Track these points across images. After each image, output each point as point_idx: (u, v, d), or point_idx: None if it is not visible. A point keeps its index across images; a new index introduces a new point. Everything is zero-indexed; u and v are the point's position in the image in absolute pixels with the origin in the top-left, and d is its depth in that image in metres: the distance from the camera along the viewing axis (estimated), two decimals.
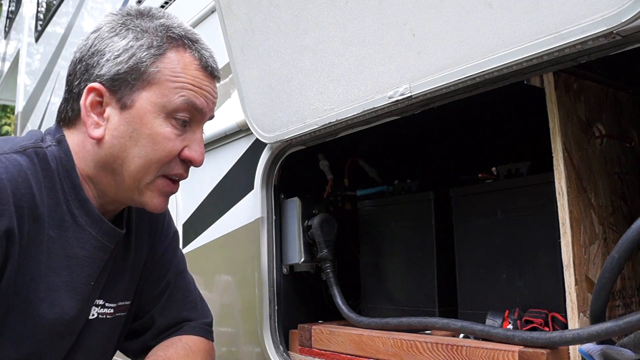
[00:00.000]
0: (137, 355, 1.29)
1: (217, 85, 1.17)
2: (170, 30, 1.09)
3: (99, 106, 1.07)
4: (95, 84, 1.06)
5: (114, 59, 1.05)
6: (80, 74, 1.08)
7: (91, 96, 1.06)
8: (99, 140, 1.07)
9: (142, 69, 1.05)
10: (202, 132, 1.13)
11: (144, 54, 1.05)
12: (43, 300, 1.03)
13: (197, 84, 1.08)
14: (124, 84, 1.05)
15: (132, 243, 1.23)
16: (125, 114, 1.06)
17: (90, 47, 1.08)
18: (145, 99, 1.05)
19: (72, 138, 1.10)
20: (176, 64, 1.07)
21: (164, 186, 1.10)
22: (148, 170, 1.07)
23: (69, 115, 1.11)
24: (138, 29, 1.07)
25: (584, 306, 1.07)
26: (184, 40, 1.09)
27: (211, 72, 1.12)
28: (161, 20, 1.10)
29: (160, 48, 1.06)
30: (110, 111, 1.07)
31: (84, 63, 1.08)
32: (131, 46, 1.05)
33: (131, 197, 1.10)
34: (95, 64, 1.07)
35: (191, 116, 1.09)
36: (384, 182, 1.73)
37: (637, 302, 1.22)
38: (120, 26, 1.08)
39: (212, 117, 1.17)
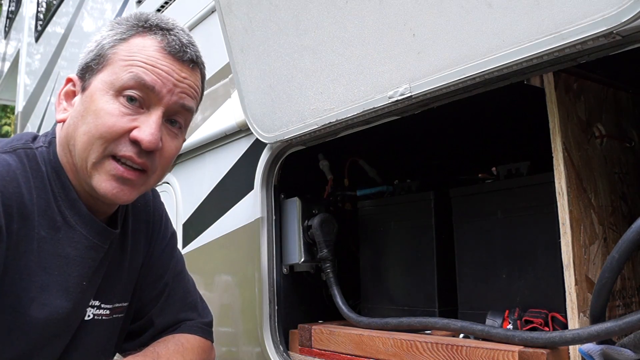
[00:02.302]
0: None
1: (196, 73, 1.12)
2: (143, 20, 1.09)
3: (73, 95, 1.11)
4: (72, 75, 1.12)
5: (87, 50, 1.10)
6: None
7: (68, 86, 1.12)
8: (63, 124, 1.10)
9: (102, 53, 1.07)
10: (160, 117, 1.06)
11: (107, 40, 1.08)
12: (34, 299, 1.03)
13: (151, 63, 1.05)
14: (89, 71, 1.08)
15: (128, 244, 1.22)
16: (83, 96, 1.08)
17: None
18: (98, 79, 1.06)
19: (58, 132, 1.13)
20: (134, 46, 1.07)
21: (112, 169, 1.04)
22: (92, 147, 1.03)
23: None
24: (115, 23, 1.10)
25: (584, 306, 1.07)
26: (152, 28, 1.08)
27: (176, 55, 1.07)
28: (142, 15, 1.10)
29: (124, 34, 1.08)
30: (77, 97, 1.10)
31: None
32: (102, 36, 1.09)
33: (87, 182, 1.06)
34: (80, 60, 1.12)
35: (144, 96, 1.05)
36: (384, 182, 1.73)
37: (637, 302, 1.22)
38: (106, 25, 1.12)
39: (188, 108, 1.11)
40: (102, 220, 1.13)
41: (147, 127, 1.03)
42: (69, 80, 1.12)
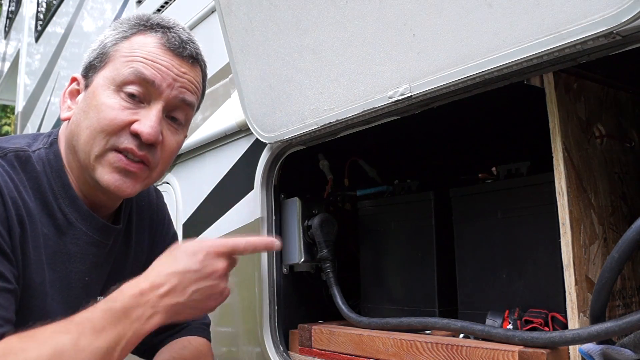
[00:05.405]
0: (140, 351, 1.28)
1: (196, 68, 1.14)
2: (144, 20, 1.12)
3: (77, 94, 1.14)
4: (76, 74, 1.15)
5: (90, 50, 1.13)
6: None
7: (72, 85, 1.15)
8: (68, 122, 1.12)
9: (104, 51, 1.10)
10: (160, 111, 1.08)
11: (110, 39, 1.10)
12: (47, 293, 1.05)
13: (151, 58, 1.08)
14: (92, 69, 1.11)
15: (132, 241, 1.24)
16: (86, 93, 1.11)
17: None
18: (100, 76, 1.09)
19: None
20: (134, 44, 1.09)
21: (115, 161, 1.06)
22: (94, 141, 1.05)
23: None
24: (117, 23, 1.13)
25: (584, 306, 1.07)
26: (153, 27, 1.11)
27: (175, 51, 1.09)
28: (144, 15, 1.13)
29: (126, 32, 1.11)
30: (80, 96, 1.13)
31: None
32: (104, 36, 1.12)
33: (91, 176, 1.07)
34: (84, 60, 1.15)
35: (144, 91, 1.07)
36: (384, 182, 1.73)
37: (637, 302, 1.22)
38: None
39: (188, 102, 1.12)
40: (106, 217, 1.15)
41: (147, 120, 1.06)
42: (74, 79, 1.15)
